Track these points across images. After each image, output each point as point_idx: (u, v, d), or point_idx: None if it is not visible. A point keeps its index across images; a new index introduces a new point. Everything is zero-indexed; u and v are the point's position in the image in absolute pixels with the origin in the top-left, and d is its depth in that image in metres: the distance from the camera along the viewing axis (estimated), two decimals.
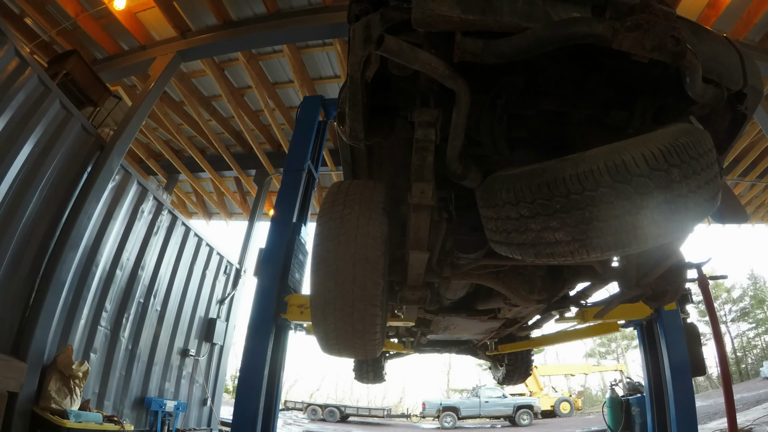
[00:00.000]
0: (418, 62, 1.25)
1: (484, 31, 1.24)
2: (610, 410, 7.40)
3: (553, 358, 31.11)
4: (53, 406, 4.25)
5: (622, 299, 2.07)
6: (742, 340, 29.29)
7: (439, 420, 16.48)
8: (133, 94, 7.58)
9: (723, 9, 5.75)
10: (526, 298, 2.26)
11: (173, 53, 6.45)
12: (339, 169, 9.01)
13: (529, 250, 1.28)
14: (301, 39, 6.57)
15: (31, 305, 4.37)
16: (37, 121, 4.40)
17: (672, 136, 1.15)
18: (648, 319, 4.18)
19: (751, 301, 29.53)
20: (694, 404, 3.95)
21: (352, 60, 1.38)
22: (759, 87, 1.52)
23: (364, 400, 31.16)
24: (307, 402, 20.57)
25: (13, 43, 4.17)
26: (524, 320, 3.22)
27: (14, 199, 4.18)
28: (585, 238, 1.16)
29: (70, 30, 6.52)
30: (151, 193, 6.32)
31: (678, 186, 1.10)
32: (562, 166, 1.17)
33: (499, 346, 4.59)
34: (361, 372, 5.36)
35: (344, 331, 1.55)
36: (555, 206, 1.16)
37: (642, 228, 1.12)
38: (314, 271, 1.55)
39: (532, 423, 16.27)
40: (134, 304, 5.98)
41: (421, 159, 1.49)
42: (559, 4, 1.34)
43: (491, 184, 1.39)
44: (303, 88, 7.26)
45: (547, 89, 1.58)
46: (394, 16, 1.32)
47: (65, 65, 5.33)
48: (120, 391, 5.69)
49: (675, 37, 1.12)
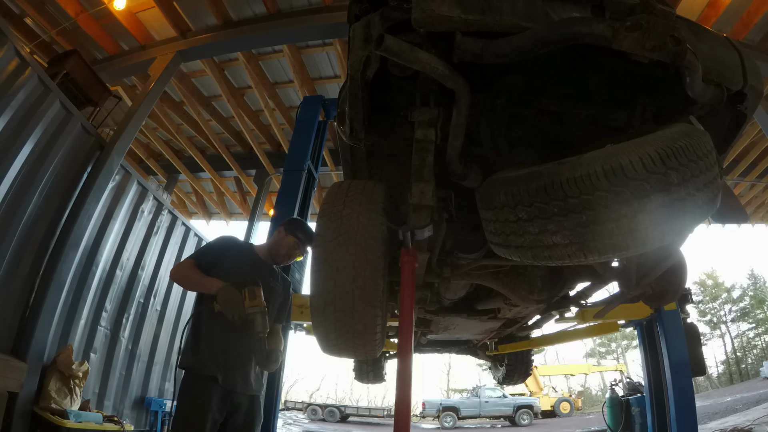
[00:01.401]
0: (418, 62, 1.25)
1: (484, 31, 1.24)
2: (610, 410, 7.40)
3: (553, 358, 31.14)
4: (53, 406, 4.25)
5: (622, 299, 2.07)
6: (742, 340, 29.31)
7: (439, 420, 16.50)
8: (133, 94, 7.58)
9: (723, 9, 5.75)
10: (526, 298, 2.26)
11: (173, 53, 6.45)
12: (339, 169, 9.01)
13: (527, 252, 1.28)
14: (301, 39, 6.57)
15: (31, 305, 4.37)
16: (37, 121, 4.39)
17: (670, 139, 1.14)
18: (648, 319, 4.18)
19: (751, 301, 29.55)
20: (694, 404, 3.95)
21: (352, 60, 1.38)
22: (759, 87, 1.52)
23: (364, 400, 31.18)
24: (307, 402, 20.61)
25: (13, 43, 4.17)
26: (524, 320, 3.22)
27: (14, 199, 4.18)
28: (582, 242, 1.16)
29: (70, 30, 6.52)
30: (151, 193, 6.32)
31: (676, 189, 1.10)
32: (559, 169, 1.17)
33: (499, 346, 4.59)
34: (361, 372, 5.35)
35: (344, 332, 1.55)
36: (552, 210, 1.16)
37: (640, 231, 1.12)
38: (314, 272, 1.54)
39: (532, 423, 16.29)
40: (134, 304, 5.97)
41: (421, 159, 1.49)
42: (559, 4, 1.34)
43: (490, 186, 1.39)
44: (303, 88, 7.27)
45: (547, 89, 1.58)
46: (394, 16, 1.32)
47: (65, 65, 5.32)
48: (120, 391, 5.69)
49: (675, 37, 1.12)
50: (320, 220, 1.62)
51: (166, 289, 6.71)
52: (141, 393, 6.10)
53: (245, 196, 11.03)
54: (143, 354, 6.17)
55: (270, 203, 9.77)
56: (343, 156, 2.15)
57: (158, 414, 6.08)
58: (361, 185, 1.74)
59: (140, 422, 5.97)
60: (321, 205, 1.73)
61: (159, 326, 6.52)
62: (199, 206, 11.78)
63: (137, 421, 5.90)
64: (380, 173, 2.14)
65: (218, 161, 9.53)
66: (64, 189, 4.85)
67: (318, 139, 5.44)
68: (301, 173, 4.87)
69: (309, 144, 5.08)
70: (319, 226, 1.60)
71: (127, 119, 5.80)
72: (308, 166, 5.02)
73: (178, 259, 7.00)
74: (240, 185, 10.77)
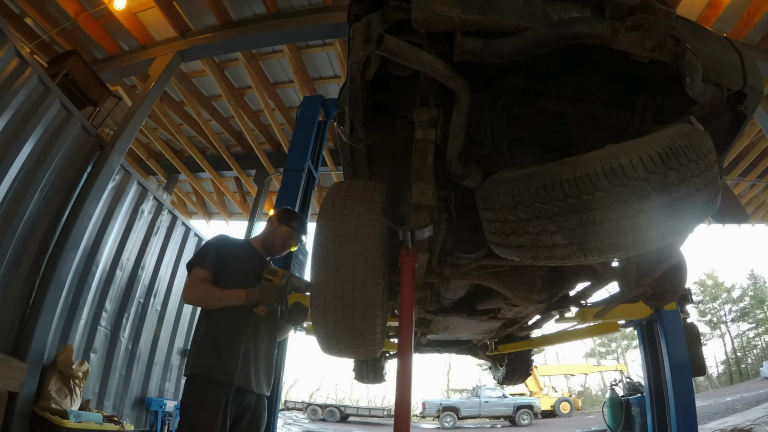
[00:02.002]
0: (417, 62, 1.25)
1: (484, 31, 1.24)
2: (610, 410, 7.40)
3: (553, 358, 31.15)
4: (53, 406, 4.25)
5: (622, 299, 2.07)
6: (742, 340, 29.31)
7: (439, 420, 16.50)
8: (133, 94, 7.58)
9: (723, 9, 5.75)
10: (526, 298, 2.26)
11: (173, 53, 6.45)
12: (339, 169, 9.01)
13: (527, 252, 1.28)
14: (301, 39, 6.57)
15: (31, 305, 4.37)
16: (37, 121, 4.39)
17: (670, 139, 1.15)
18: (648, 319, 4.18)
19: (751, 301, 29.55)
20: (694, 404, 3.95)
21: (352, 60, 1.38)
22: (759, 87, 1.52)
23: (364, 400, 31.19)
24: (307, 402, 20.60)
25: (13, 43, 4.17)
26: (524, 320, 3.22)
27: (14, 199, 4.18)
28: (582, 242, 1.16)
29: (70, 30, 6.52)
30: (151, 193, 6.32)
31: (676, 189, 1.10)
32: (559, 169, 1.17)
33: (499, 346, 4.59)
34: (361, 372, 5.35)
35: (344, 332, 1.54)
36: (552, 210, 1.16)
37: (640, 231, 1.12)
38: (314, 272, 1.55)
39: (532, 423, 16.29)
40: (134, 304, 5.97)
41: (421, 159, 1.49)
42: (559, 4, 1.34)
43: (490, 186, 1.39)
44: (303, 88, 7.26)
45: (547, 89, 1.58)
46: (395, 16, 1.32)
47: (65, 65, 5.32)
48: (120, 391, 5.69)
49: (675, 37, 1.12)
50: (320, 220, 1.61)
51: (166, 289, 6.71)
52: (141, 393, 6.10)
53: (245, 196, 11.03)
54: (143, 354, 6.17)
55: (270, 203, 9.78)
56: (343, 156, 2.15)
57: (158, 414, 6.08)
58: (362, 185, 1.74)
59: (140, 422, 5.97)
60: (321, 205, 1.73)
61: (159, 326, 6.52)
62: (199, 206, 11.78)
63: (137, 421, 5.90)
64: (380, 173, 2.15)
65: (218, 161, 9.53)
66: (64, 189, 4.85)
67: (318, 139, 5.44)
68: (301, 173, 4.87)
69: (309, 144, 5.08)
70: (319, 226, 1.60)
71: (127, 119, 5.80)
72: (308, 166, 5.02)
73: (178, 259, 7.00)
74: (240, 185, 10.77)
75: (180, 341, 7.02)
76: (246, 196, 11.01)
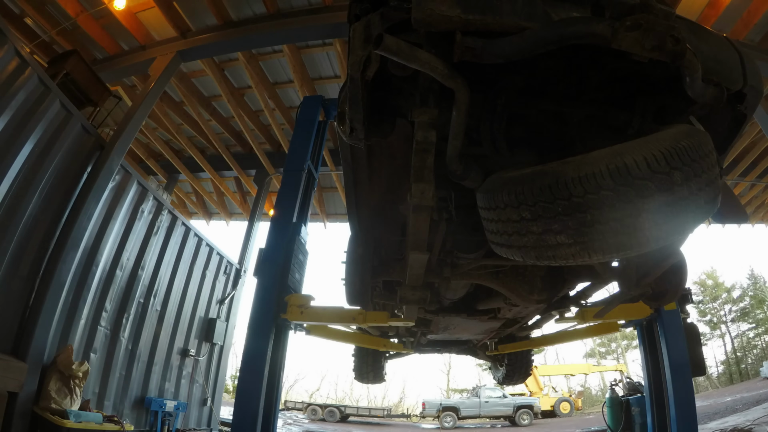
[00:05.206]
0: (417, 62, 1.25)
1: (484, 31, 1.24)
2: (610, 410, 7.39)
3: (553, 358, 31.10)
4: (53, 406, 4.25)
5: (622, 299, 2.07)
6: (742, 340, 29.28)
7: (439, 420, 16.47)
8: (133, 94, 7.57)
9: (723, 9, 5.75)
10: (526, 298, 2.26)
11: (173, 53, 6.45)
12: (339, 169, 9.01)
13: (531, 252, 1.28)
14: (301, 39, 6.57)
15: (31, 305, 4.37)
16: (37, 121, 4.39)
17: (673, 139, 1.15)
18: (648, 319, 4.17)
19: (751, 301, 29.52)
20: (694, 404, 3.94)
21: (352, 60, 1.38)
22: (759, 87, 1.52)
23: (364, 400, 31.13)
24: (307, 402, 20.57)
25: (13, 43, 4.17)
26: (524, 320, 3.22)
27: (14, 199, 4.18)
28: (587, 241, 1.16)
29: (70, 30, 6.52)
30: (151, 193, 6.32)
31: (679, 189, 1.10)
32: (564, 168, 1.17)
33: (499, 346, 4.59)
34: (361, 372, 5.35)
35: None
36: (557, 209, 1.16)
37: (643, 230, 1.12)
38: None
39: (532, 423, 16.26)
40: (134, 304, 5.97)
41: (421, 160, 1.49)
42: (559, 3, 1.34)
43: (492, 185, 1.39)
44: (303, 88, 7.26)
45: (547, 89, 1.58)
46: (395, 16, 1.32)
47: (65, 65, 5.32)
48: (120, 391, 5.69)
49: (674, 36, 1.12)
50: None
51: (166, 289, 6.71)
52: (141, 393, 6.10)
53: (245, 196, 11.03)
54: (143, 354, 6.17)
55: (270, 203, 9.77)
56: (343, 156, 2.15)
57: (158, 414, 6.08)
58: None
59: (140, 422, 5.97)
60: None
61: (159, 326, 6.52)
62: (199, 206, 11.78)
63: (137, 421, 5.90)
64: (380, 173, 2.14)
65: (218, 161, 9.52)
66: (64, 189, 4.85)
67: (318, 139, 5.43)
68: (301, 173, 4.86)
69: (309, 144, 5.06)
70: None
71: (127, 119, 5.80)
72: (308, 166, 5.00)
73: (178, 259, 7.00)
74: (240, 185, 10.76)
75: (180, 341, 7.02)
76: (246, 196, 11.01)
